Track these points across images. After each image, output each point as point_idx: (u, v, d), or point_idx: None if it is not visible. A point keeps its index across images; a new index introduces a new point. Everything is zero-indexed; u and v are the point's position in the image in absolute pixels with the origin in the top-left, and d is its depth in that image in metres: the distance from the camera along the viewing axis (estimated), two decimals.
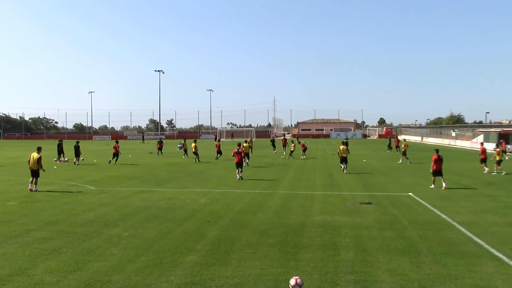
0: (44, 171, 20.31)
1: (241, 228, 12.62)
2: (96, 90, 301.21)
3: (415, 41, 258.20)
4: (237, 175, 24.91)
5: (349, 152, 29.36)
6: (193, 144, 37.94)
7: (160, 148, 45.47)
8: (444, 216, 14.24)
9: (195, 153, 37.35)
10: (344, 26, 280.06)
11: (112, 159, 36.20)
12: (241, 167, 25.25)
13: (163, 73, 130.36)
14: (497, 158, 27.86)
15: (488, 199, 17.80)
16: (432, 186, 21.39)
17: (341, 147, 28.88)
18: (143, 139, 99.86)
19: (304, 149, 42.24)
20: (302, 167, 31.79)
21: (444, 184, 20.96)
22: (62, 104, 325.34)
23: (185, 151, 41.62)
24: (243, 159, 27.20)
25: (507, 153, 47.56)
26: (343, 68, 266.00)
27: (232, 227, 12.70)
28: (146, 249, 10.46)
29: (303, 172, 28.36)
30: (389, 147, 51.10)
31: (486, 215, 14.54)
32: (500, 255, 9.92)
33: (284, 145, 45.73)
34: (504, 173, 27.05)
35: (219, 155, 39.10)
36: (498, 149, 28.83)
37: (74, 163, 35.68)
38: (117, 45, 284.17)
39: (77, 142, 37.40)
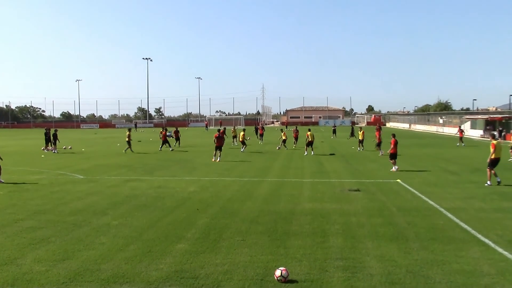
0: (2, 159, 19.96)
1: (231, 216, 12.65)
2: (83, 78, 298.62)
3: (403, 30, 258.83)
4: (213, 157, 27.97)
5: (314, 138, 32.75)
6: (127, 133, 35.89)
7: (177, 138, 40.98)
8: (431, 202, 14.38)
9: (128, 142, 35.22)
10: (333, 16, 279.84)
11: (165, 145, 37.16)
12: (220, 151, 28.27)
13: (151, 61, 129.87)
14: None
15: (474, 185, 18.00)
16: (393, 169, 22.45)
17: (308, 133, 32.04)
18: (135, 127, 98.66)
19: (296, 138, 40.04)
20: (291, 155, 31.84)
21: (396, 167, 22.55)
22: (49, 92, 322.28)
23: (177, 139, 40.86)
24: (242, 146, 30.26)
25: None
26: (332, 56, 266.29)
27: (222, 215, 12.72)
28: (135, 238, 10.45)
29: (292, 160, 28.43)
30: (352, 134, 51.55)
31: (473, 201, 14.71)
32: (486, 240, 10.05)
33: (262, 134, 46.86)
34: None
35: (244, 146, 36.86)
36: None
37: (52, 151, 36.03)
38: (104, 32, 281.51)
39: (55, 130, 37.53)
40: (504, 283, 7.54)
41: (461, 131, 41.99)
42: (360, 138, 36.14)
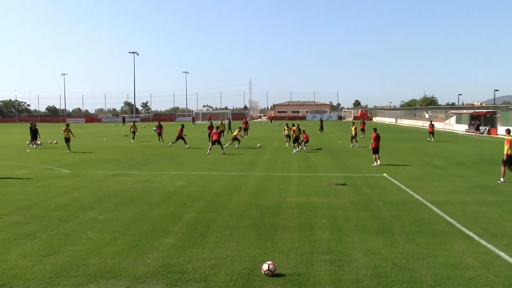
0: None
1: (218, 210, 12.65)
2: (69, 72, 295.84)
3: (390, 25, 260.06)
4: (208, 150, 28.80)
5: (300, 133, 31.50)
6: (65, 128, 32.30)
7: (160, 134, 39.79)
8: (417, 196, 14.51)
9: (67, 139, 31.53)
10: (320, 10, 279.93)
11: (174, 142, 34.51)
12: (218, 144, 28.94)
13: (138, 54, 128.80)
14: None
15: (459, 179, 18.18)
16: (375, 163, 22.65)
17: (294, 128, 31.25)
18: (123, 122, 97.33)
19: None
20: (278, 150, 31.89)
21: (378, 162, 22.67)
22: (35, 86, 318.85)
23: (159, 135, 40.09)
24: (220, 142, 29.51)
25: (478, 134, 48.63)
26: (319, 51, 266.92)
27: (209, 210, 12.71)
28: (122, 232, 10.41)
29: (279, 154, 28.47)
30: (321, 128, 53.38)
31: (458, 194, 14.87)
32: (471, 234, 10.18)
33: (246, 129, 45.10)
34: None
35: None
36: None
37: (33, 145, 35.25)
38: (91, 26, 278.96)
39: (35, 125, 36.63)
40: (488, 276, 7.64)
41: (432, 125, 41.15)
42: (353, 133, 34.71)
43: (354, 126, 35.38)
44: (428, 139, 40.20)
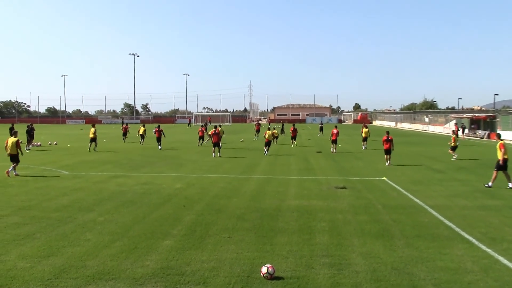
0: (22, 154, 20.39)
1: (217, 212, 12.64)
2: (69, 73, 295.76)
3: (390, 29, 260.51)
4: (213, 154, 28.04)
5: (272, 138, 31.50)
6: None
7: (201, 137, 37.73)
8: (416, 200, 14.50)
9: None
10: (321, 13, 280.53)
11: (158, 143, 34.61)
12: (218, 147, 28.48)
13: (138, 56, 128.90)
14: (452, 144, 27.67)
15: (459, 183, 18.17)
16: (387, 163, 23.92)
17: (268, 132, 31.57)
18: (122, 124, 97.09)
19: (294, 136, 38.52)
20: (277, 152, 31.85)
21: (388, 162, 24.01)
22: (35, 87, 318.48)
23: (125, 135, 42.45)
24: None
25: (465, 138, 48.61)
26: (320, 54, 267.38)
27: (208, 212, 12.70)
28: (121, 234, 10.39)
29: (279, 157, 28.45)
30: (282, 131, 52.95)
31: (457, 199, 14.86)
32: (470, 238, 10.17)
33: (258, 130, 46.26)
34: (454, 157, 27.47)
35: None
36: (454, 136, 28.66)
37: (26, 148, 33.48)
38: (91, 27, 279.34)
39: (31, 125, 35.90)
40: (487, 280, 7.64)
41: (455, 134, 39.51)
42: (364, 135, 35.39)
43: (367, 129, 35.96)
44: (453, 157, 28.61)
